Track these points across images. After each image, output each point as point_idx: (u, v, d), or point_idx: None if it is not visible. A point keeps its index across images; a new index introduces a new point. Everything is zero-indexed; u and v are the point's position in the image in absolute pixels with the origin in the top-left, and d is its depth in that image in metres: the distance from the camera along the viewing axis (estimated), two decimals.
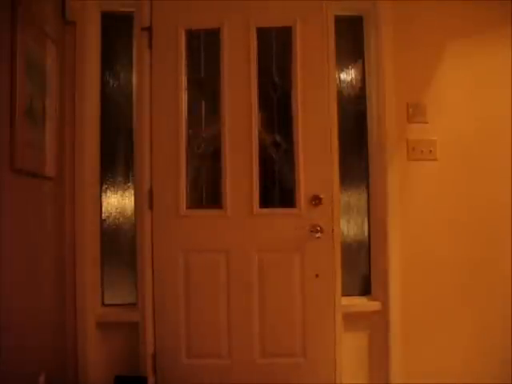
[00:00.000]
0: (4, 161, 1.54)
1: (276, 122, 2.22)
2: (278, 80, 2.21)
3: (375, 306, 2.20)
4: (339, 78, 2.32)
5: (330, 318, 2.13)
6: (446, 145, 2.22)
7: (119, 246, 2.30)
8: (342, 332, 2.15)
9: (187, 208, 2.18)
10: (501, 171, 2.22)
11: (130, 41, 2.31)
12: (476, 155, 2.23)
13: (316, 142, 2.14)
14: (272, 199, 2.21)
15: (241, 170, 2.15)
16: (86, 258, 2.16)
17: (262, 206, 2.16)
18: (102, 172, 2.27)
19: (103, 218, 2.29)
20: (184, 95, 2.19)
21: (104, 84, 2.30)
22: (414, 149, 2.22)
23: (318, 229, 2.11)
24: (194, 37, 2.22)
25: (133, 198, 2.29)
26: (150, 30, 2.19)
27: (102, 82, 2.28)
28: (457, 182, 2.22)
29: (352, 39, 2.33)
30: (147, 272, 2.15)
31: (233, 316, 2.14)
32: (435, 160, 2.22)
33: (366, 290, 2.29)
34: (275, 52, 2.22)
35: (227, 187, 2.16)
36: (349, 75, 2.35)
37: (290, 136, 2.18)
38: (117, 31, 2.33)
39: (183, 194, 2.17)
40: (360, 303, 2.24)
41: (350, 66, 2.35)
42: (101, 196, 2.28)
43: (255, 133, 2.16)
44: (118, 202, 2.31)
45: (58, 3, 2.11)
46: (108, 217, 2.30)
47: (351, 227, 2.32)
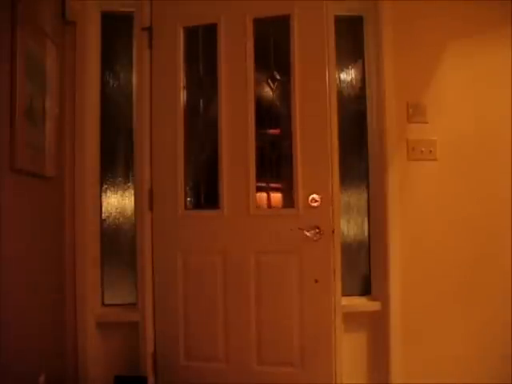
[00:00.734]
0: (4, 161, 1.55)
1: (273, 121, 2.20)
2: (278, 75, 2.18)
3: (375, 305, 2.20)
4: (339, 78, 2.32)
5: (329, 324, 2.03)
6: (445, 145, 2.22)
7: (119, 246, 2.31)
8: (342, 336, 2.11)
9: (185, 209, 2.17)
10: (501, 171, 2.22)
11: (130, 41, 2.31)
12: (476, 155, 2.22)
13: (315, 142, 2.10)
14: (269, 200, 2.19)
15: (238, 169, 2.12)
16: (86, 258, 2.17)
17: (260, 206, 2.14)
18: (102, 172, 2.27)
19: (103, 218, 2.29)
20: (184, 95, 2.19)
21: (104, 84, 2.30)
22: (413, 149, 2.22)
23: (318, 230, 2.04)
24: (192, 34, 2.20)
25: (133, 198, 2.29)
26: (150, 30, 2.19)
27: (102, 82, 2.28)
28: (457, 182, 2.22)
29: (352, 39, 2.33)
30: (147, 272, 2.15)
31: (229, 319, 2.11)
32: (435, 160, 2.22)
33: (366, 290, 2.29)
34: (273, 45, 2.17)
35: (224, 187, 2.13)
36: (349, 75, 2.35)
37: (288, 136, 2.15)
38: (117, 31, 2.33)
39: (182, 195, 2.16)
40: (360, 303, 2.24)
41: (350, 66, 2.35)
42: (101, 196, 2.29)
43: (252, 131, 2.12)
44: (118, 202, 2.32)
45: (58, 3, 2.11)
46: (108, 217, 2.31)
47: (351, 227, 2.32)
